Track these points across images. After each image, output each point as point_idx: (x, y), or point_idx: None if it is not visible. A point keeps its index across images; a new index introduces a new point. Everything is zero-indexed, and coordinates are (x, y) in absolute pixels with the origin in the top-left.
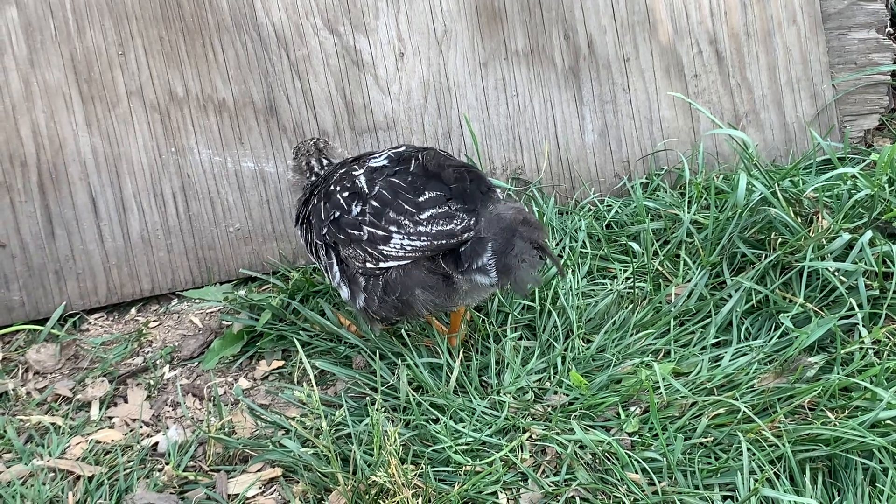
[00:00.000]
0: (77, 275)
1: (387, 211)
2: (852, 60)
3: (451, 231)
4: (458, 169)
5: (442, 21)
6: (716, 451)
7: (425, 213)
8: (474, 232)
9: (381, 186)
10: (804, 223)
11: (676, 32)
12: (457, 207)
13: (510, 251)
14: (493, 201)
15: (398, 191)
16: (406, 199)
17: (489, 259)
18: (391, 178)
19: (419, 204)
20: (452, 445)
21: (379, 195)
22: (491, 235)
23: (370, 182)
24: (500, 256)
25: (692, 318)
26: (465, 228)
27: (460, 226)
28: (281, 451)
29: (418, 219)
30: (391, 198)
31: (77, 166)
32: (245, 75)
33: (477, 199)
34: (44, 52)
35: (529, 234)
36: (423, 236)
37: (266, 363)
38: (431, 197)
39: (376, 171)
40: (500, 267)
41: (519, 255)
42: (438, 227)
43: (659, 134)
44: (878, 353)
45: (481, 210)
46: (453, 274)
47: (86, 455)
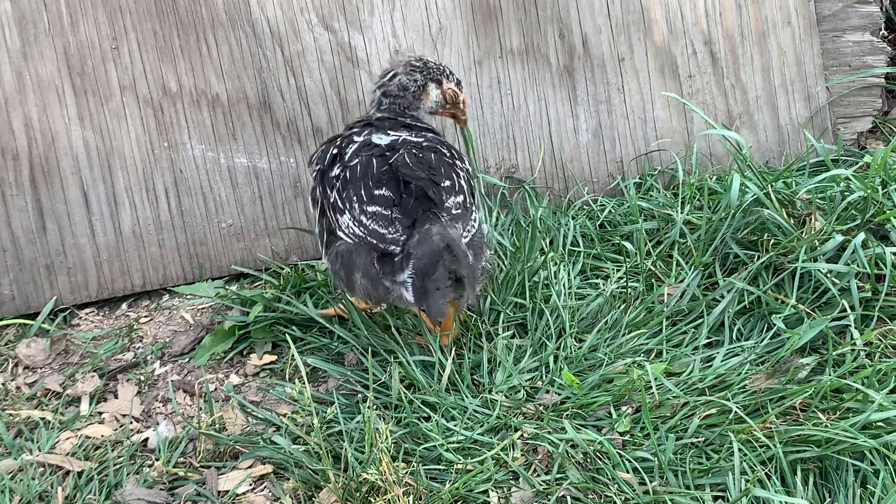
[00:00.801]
0: (68, 269)
1: (349, 187)
2: (846, 63)
3: (382, 236)
4: (413, 181)
5: (437, 18)
6: (707, 452)
7: (372, 207)
8: (401, 247)
9: (357, 161)
10: (797, 224)
11: (671, 33)
12: (396, 217)
13: (430, 275)
14: (432, 221)
15: (366, 173)
16: (366, 185)
17: (408, 277)
18: (374, 157)
19: (372, 196)
20: (444, 443)
21: (352, 168)
22: (418, 255)
23: (355, 153)
24: (418, 277)
25: (684, 319)
26: (394, 241)
27: (391, 236)
28: (272, 448)
29: (365, 209)
30: (358, 177)
31: (69, 160)
32: (239, 71)
33: (415, 217)
34: (37, 45)
35: (450, 265)
36: (363, 227)
37: (257, 357)
38: (383, 195)
39: (368, 146)
40: (418, 287)
41: (436, 281)
42: (375, 225)
43: (653, 134)
44: (870, 354)
45: (418, 227)
46: (383, 279)
47: (75, 450)
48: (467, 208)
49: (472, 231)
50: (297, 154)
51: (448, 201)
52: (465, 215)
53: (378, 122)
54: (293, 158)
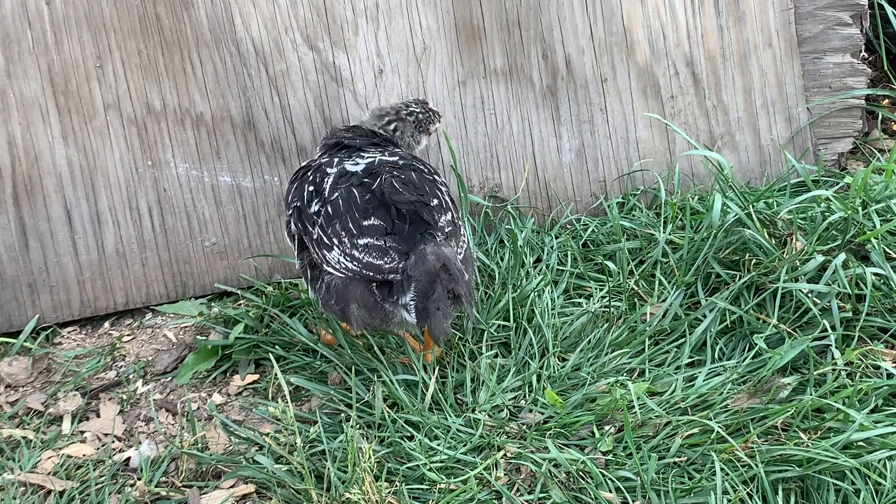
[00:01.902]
0: (51, 287)
1: (334, 222)
2: (827, 84)
3: (379, 267)
4: (405, 206)
5: (421, 38)
6: (689, 471)
7: (363, 240)
8: (400, 274)
9: (339, 195)
10: (778, 245)
11: (654, 54)
12: (391, 245)
13: (431, 295)
14: (428, 241)
15: (350, 206)
16: (352, 218)
17: (411, 299)
18: (353, 187)
19: (361, 228)
20: (427, 463)
21: (334, 203)
22: (416, 275)
23: (333, 186)
24: (420, 298)
25: (667, 338)
26: (392, 269)
27: (388, 265)
28: (254, 468)
29: (356, 242)
30: (342, 211)
31: (52, 178)
32: (223, 90)
33: (412, 241)
34: (21, 63)
35: (447, 284)
36: (356, 261)
37: (240, 378)
38: (373, 225)
39: (345, 175)
40: (420, 308)
41: (437, 301)
42: (370, 258)
43: (635, 154)
44: (851, 374)
45: (414, 250)
46: (383, 303)
47: (57, 469)
48: (456, 224)
49: (464, 247)
50: (282, 173)
51: (441, 220)
52: (456, 232)
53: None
54: (277, 177)
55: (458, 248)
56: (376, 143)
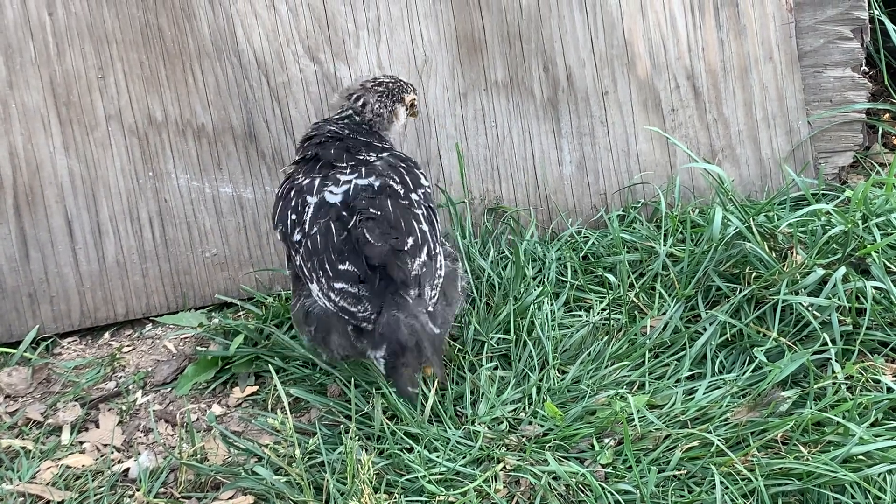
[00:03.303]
0: (51, 298)
1: (313, 258)
2: (828, 98)
3: (353, 313)
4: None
5: (423, 51)
6: (689, 484)
7: (338, 284)
8: (373, 325)
9: (317, 230)
10: (779, 258)
11: (654, 67)
12: (364, 294)
13: (401, 358)
14: (400, 306)
15: (327, 245)
16: (329, 260)
17: (381, 356)
18: (332, 222)
19: (337, 272)
20: (426, 475)
21: (313, 239)
22: (389, 337)
23: (313, 219)
24: (391, 358)
25: (667, 351)
26: (365, 319)
27: (361, 314)
28: (253, 479)
29: (332, 284)
30: (320, 249)
31: (54, 189)
32: (225, 101)
33: (384, 298)
34: (23, 74)
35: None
36: (332, 303)
37: (240, 389)
38: (347, 271)
39: (324, 207)
40: (390, 367)
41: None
42: (345, 303)
43: (636, 167)
44: (851, 388)
45: (386, 308)
46: (356, 343)
47: (56, 480)
48: (432, 257)
49: (439, 284)
50: None
51: (414, 265)
52: (430, 270)
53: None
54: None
55: (433, 288)
56: (349, 146)
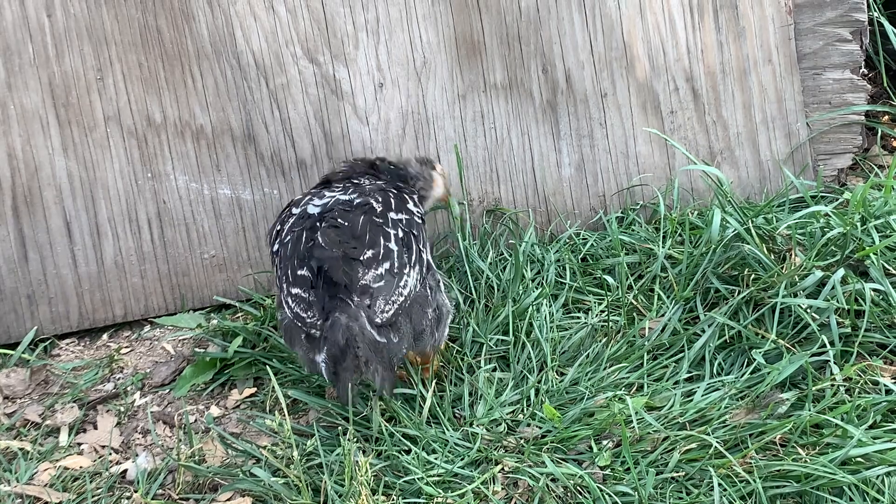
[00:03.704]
0: (49, 299)
1: (282, 265)
2: (827, 100)
3: (303, 319)
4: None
5: (422, 53)
6: (687, 486)
7: (294, 289)
8: (320, 331)
9: (290, 238)
10: (777, 260)
11: (653, 69)
12: (313, 299)
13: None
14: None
15: (294, 251)
16: (291, 267)
17: (323, 360)
18: (305, 230)
19: (295, 277)
20: (424, 477)
21: (285, 246)
22: (330, 339)
23: (290, 228)
24: (331, 362)
25: (665, 353)
26: (312, 325)
27: (310, 320)
28: (251, 481)
29: (290, 290)
30: (288, 255)
31: (52, 190)
32: (224, 102)
33: (324, 301)
34: (21, 75)
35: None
36: (289, 309)
37: (238, 391)
38: (302, 276)
39: (303, 217)
40: (330, 371)
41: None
42: (298, 308)
43: (635, 169)
44: (850, 390)
45: (331, 312)
46: (308, 353)
47: (54, 481)
48: (394, 274)
49: (397, 301)
50: (281, 186)
51: (366, 277)
52: (389, 286)
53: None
54: (277, 190)
55: (389, 304)
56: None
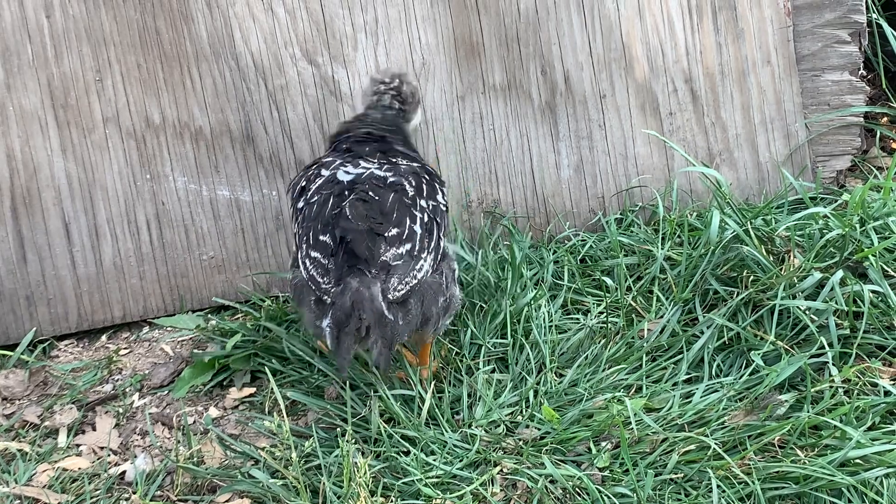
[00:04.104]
0: (48, 300)
1: (304, 224)
2: (825, 102)
3: (318, 284)
4: (349, 234)
5: (420, 54)
6: (686, 488)
7: (314, 253)
8: (331, 298)
9: (316, 200)
10: (776, 261)
11: (652, 71)
12: (331, 266)
13: (344, 328)
14: (355, 275)
15: (319, 215)
16: (315, 228)
17: (327, 325)
18: (333, 196)
19: (317, 241)
20: (423, 478)
21: (310, 206)
22: (337, 304)
23: (318, 189)
24: (335, 327)
25: (664, 354)
26: (325, 291)
27: (324, 286)
28: (250, 482)
29: (310, 253)
30: (312, 217)
31: (51, 192)
32: (222, 104)
33: (342, 270)
34: (20, 76)
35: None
36: (305, 270)
37: (236, 389)
38: (325, 242)
39: (332, 182)
40: (334, 336)
41: (348, 335)
42: (315, 272)
43: (634, 170)
44: (848, 392)
45: (344, 279)
46: (314, 319)
47: (52, 483)
48: (413, 257)
49: (410, 283)
50: (280, 187)
51: (386, 254)
52: (407, 267)
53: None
54: (275, 191)
55: (403, 284)
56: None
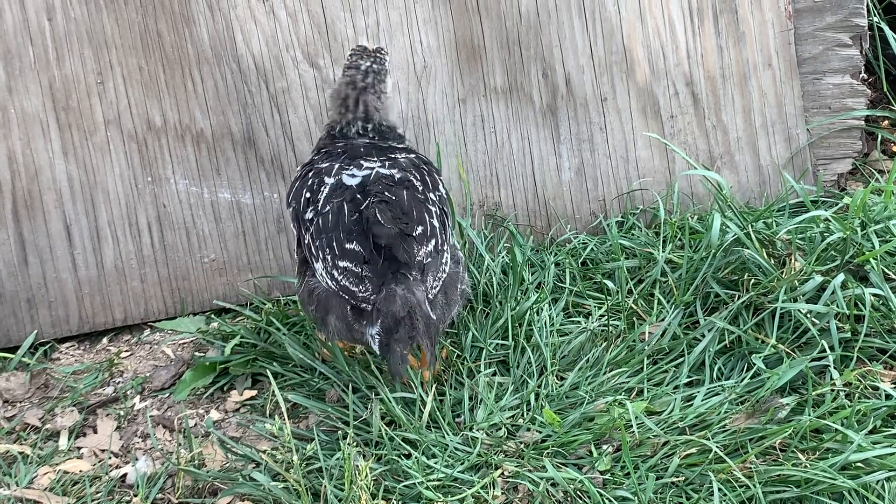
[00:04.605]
0: (49, 303)
1: (322, 236)
2: (826, 105)
3: (353, 293)
4: (383, 239)
5: (422, 57)
6: (687, 491)
7: (343, 262)
8: (371, 304)
9: (330, 209)
10: (777, 265)
11: (653, 74)
12: (366, 274)
13: (394, 335)
14: (399, 281)
15: (338, 224)
16: (337, 238)
17: (377, 332)
18: (345, 203)
19: (343, 250)
20: (424, 481)
21: (325, 217)
22: (384, 312)
23: (328, 198)
24: (385, 335)
25: (665, 357)
26: (364, 299)
27: (362, 294)
28: (251, 485)
29: (337, 263)
30: (330, 227)
31: (52, 194)
32: (224, 106)
33: (385, 276)
34: (22, 79)
35: (409, 331)
36: (335, 281)
37: (238, 392)
38: (353, 250)
39: (340, 188)
40: (383, 343)
41: (399, 341)
42: (347, 282)
43: (635, 173)
44: (850, 395)
45: (386, 286)
46: (354, 324)
47: (53, 485)
48: (439, 251)
49: (442, 277)
50: (281, 190)
51: (420, 252)
52: (436, 262)
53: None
54: (277, 194)
55: (436, 280)
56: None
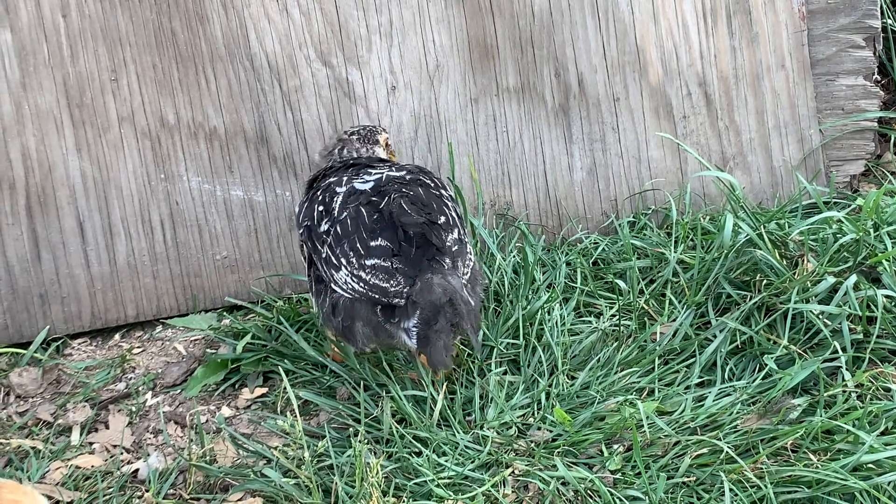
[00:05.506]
0: (62, 299)
1: (342, 242)
2: (839, 106)
3: (385, 290)
4: (412, 228)
5: (434, 56)
6: (698, 491)
7: (370, 261)
8: (405, 299)
9: (347, 214)
10: (789, 266)
11: (666, 74)
12: (398, 267)
13: (433, 325)
14: (435, 270)
15: (358, 225)
16: (360, 239)
17: (414, 325)
18: (362, 206)
19: (369, 248)
20: (435, 479)
21: (343, 223)
22: (422, 303)
23: (343, 205)
24: (423, 326)
25: (677, 358)
26: (397, 293)
27: (394, 288)
28: (262, 481)
29: (363, 263)
30: (350, 231)
31: (66, 190)
32: (237, 104)
33: (419, 265)
34: (36, 76)
35: (451, 318)
36: (362, 283)
37: (249, 390)
38: (380, 246)
39: (354, 194)
40: (422, 336)
41: (439, 332)
42: (377, 279)
43: (647, 173)
44: (861, 396)
45: (420, 276)
46: (385, 324)
47: (65, 480)
48: (462, 241)
49: (470, 265)
50: (293, 188)
51: (448, 239)
52: (462, 250)
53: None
54: (289, 192)
55: (465, 266)
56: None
